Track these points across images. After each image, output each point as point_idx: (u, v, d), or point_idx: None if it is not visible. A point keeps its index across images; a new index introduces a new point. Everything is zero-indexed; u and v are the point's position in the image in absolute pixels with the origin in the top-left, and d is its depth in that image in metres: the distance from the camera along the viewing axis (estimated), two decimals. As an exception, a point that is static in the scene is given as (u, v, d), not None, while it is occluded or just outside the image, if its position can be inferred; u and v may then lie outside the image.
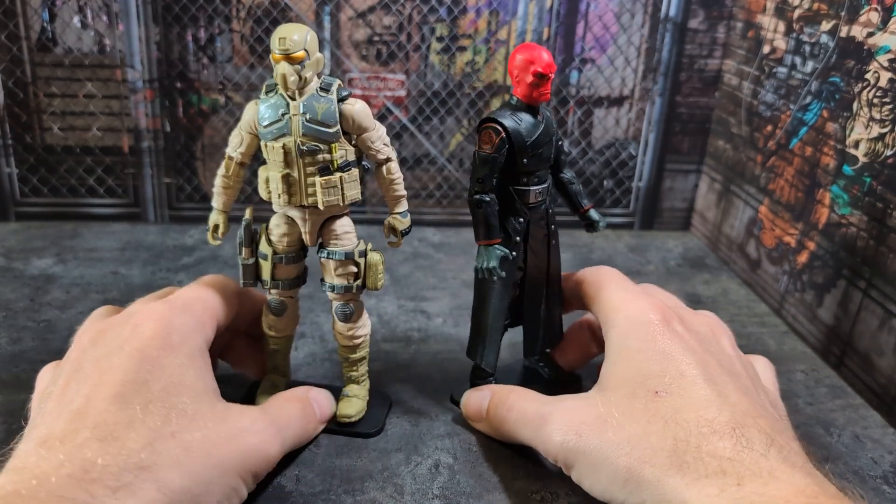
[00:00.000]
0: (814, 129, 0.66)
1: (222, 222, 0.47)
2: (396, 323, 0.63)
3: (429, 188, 0.85)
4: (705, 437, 0.36)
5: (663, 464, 0.36)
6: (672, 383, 0.39)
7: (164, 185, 0.81)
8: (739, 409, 0.37)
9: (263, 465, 0.40)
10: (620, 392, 0.40)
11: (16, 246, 0.74)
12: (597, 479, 0.39)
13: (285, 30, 0.40)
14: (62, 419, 0.35)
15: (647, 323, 0.43)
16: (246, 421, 0.40)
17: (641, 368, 0.41)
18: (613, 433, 0.38)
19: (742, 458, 0.34)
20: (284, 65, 0.41)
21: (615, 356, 0.43)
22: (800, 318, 0.66)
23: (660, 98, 0.83)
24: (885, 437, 0.52)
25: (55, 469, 0.33)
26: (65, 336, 0.58)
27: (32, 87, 0.76)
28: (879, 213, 0.57)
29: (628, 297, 0.46)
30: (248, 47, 0.77)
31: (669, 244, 0.85)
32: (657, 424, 0.37)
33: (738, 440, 0.35)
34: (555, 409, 0.42)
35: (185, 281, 0.68)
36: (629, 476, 0.36)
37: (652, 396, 0.39)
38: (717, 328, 0.47)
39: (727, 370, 0.41)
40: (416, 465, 0.46)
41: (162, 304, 0.42)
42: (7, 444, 0.45)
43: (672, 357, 0.40)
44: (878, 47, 0.57)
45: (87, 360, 0.39)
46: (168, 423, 0.36)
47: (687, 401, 0.38)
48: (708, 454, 0.35)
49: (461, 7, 0.78)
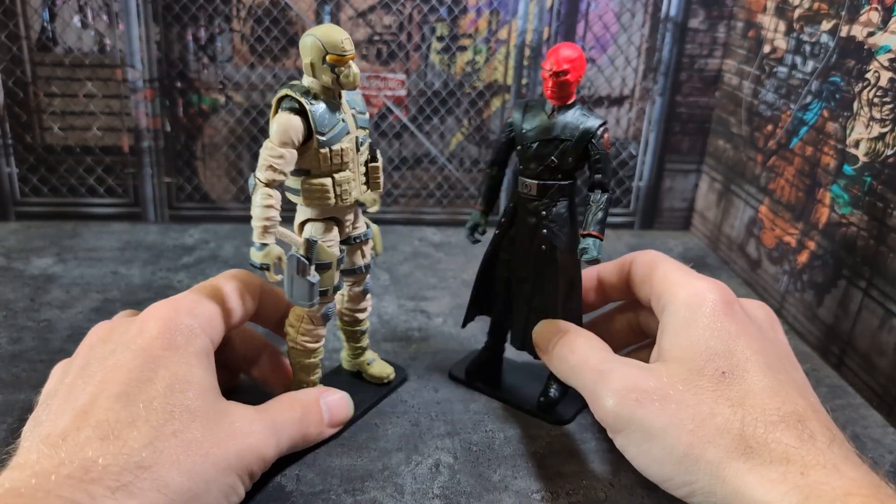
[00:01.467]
0: (814, 129, 0.66)
1: (283, 254, 0.42)
2: (396, 322, 0.63)
3: (429, 188, 0.85)
4: (772, 424, 0.36)
5: (727, 446, 0.35)
6: (738, 366, 0.39)
7: (164, 185, 0.81)
8: (799, 402, 0.37)
9: (259, 465, 0.40)
10: (686, 366, 0.40)
11: (16, 246, 0.74)
12: (647, 450, 0.38)
13: (337, 31, 0.41)
14: (66, 417, 0.36)
15: (711, 302, 0.42)
16: (244, 421, 0.40)
17: (709, 346, 0.40)
18: (676, 407, 0.38)
19: (807, 448, 0.34)
20: (353, 64, 0.41)
21: (679, 329, 0.42)
22: (800, 318, 0.66)
23: (660, 98, 0.83)
24: (886, 437, 0.52)
25: (55, 468, 0.33)
26: (65, 336, 0.58)
27: (32, 87, 0.76)
28: (880, 212, 0.57)
29: (689, 275, 0.45)
30: (248, 47, 0.77)
31: (669, 244, 0.85)
32: (724, 405, 0.37)
33: (803, 431, 0.35)
34: (615, 368, 0.41)
35: (184, 281, 0.68)
36: (688, 453, 0.36)
37: (719, 376, 0.38)
38: (772, 317, 0.46)
39: (784, 361, 0.41)
40: (417, 465, 0.46)
41: (169, 303, 0.42)
42: (7, 443, 0.45)
43: (737, 339, 0.40)
44: (879, 47, 0.57)
45: (94, 359, 0.39)
46: (170, 422, 0.36)
47: (752, 387, 0.38)
48: (774, 441, 0.35)
49: (461, 6, 0.78)
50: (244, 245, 0.77)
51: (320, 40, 0.40)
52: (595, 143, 0.45)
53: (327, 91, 0.42)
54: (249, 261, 0.41)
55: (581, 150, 0.46)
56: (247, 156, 0.81)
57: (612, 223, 0.88)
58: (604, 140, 0.46)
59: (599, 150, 0.46)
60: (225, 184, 0.82)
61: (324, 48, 0.40)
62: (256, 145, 0.80)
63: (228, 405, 0.40)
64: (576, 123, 0.46)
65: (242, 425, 0.39)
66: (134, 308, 0.62)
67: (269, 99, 0.79)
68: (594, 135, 0.45)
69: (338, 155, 0.43)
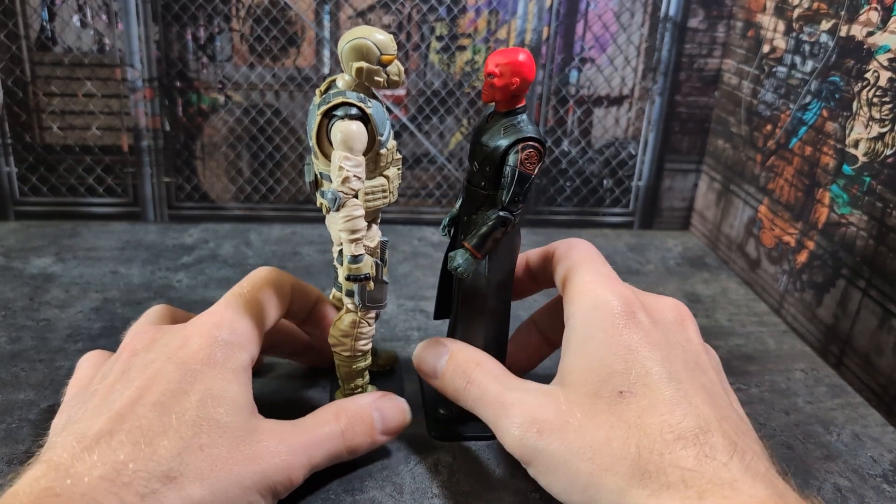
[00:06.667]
0: (813, 129, 0.66)
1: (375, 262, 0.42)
2: (396, 322, 0.63)
3: (428, 187, 0.85)
4: (668, 444, 0.35)
5: (625, 473, 0.35)
6: (636, 382, 0.38)
7: (163, 185, 0.81)
8: (703, 411, 0.36)
9: (284, 486, 0.39)
10: (583, 389, 0.39)
11: (15, 245, 0.74)
12: (555, 481, 0.38)
13: (379, 31, 0.41)
14: (102, 418, 0.36)
15: (610, 314, 0.40)
16: (273, 441, 0.39)
17: (605, 364, 0.39)
18: (575, 435, 0.37)
19: (704, 468, 0.33)
20: (397, 61, 0.41)
21: (577, 347, 0.41)
22: (799, 318, 0.66)
23: (659, 97, 0.83)
24: (885, 436, 0.52)
25: (88, 469, 0.33)
26: (64, 336, 0.58)
27: (32, 87, 0.76)
28: (879, 212, 0.57)
29: (594, 281, 0.43)
30: (247, 46, 0.77)
31: (669, 243, 0.85)
32: (621, 429, 0.36)
33: (702, 448, 0.34)
34: (516, 399, 0.40)
35: (184, 280, 0.68)
36: (589, 482, 0.36)
37: (616, 396, 0.37)
38: (684, 315, 0.44)
39: (693, 366, 0.40)
40: (416, 464, 0.46)
41: (211, 318, 0.42)
42: (7, 443, 0.45)
43: (636, 352, 0.39)
44: (878, 46, 0.57)
45: (135, 365, 0.40)
46: (199, 436, 0.36)
47: (651, 402, 0.37)
48: (670, 464, 0.34)
49: (461, 6, 0.78)
50: (243, 244, 0.77)
51: (372, 41, 0.40)
52: (508, 159, 0.42)
53: (368, 92, 0.42)
54: (349, 275, 0.41)
55: (497, 162, 0.42)
56: (246, 155, 0.81)
57: (611, 223, 0.88)
58: (520, 157, 0.42)
59: (509, 166, 0.42)
60: (224, 183, 0.82)
61: (377, 49, 0.40)
62: (256, 145, 0.80)
63: (260, 422, 0.40)
64: (500, 133, 0.42)
65: (270, 445, 0.39)
66: (134, 308, 0.62)
67: (269, 99, 0.79)
68: (508, 150, 0.42)
69: (391, 153, 0.43)
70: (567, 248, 0.47)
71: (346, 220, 0.40)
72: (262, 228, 0.81)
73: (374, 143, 0.41)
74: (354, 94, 0.41)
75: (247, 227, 0.82)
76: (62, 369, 0.53)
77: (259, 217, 0.83)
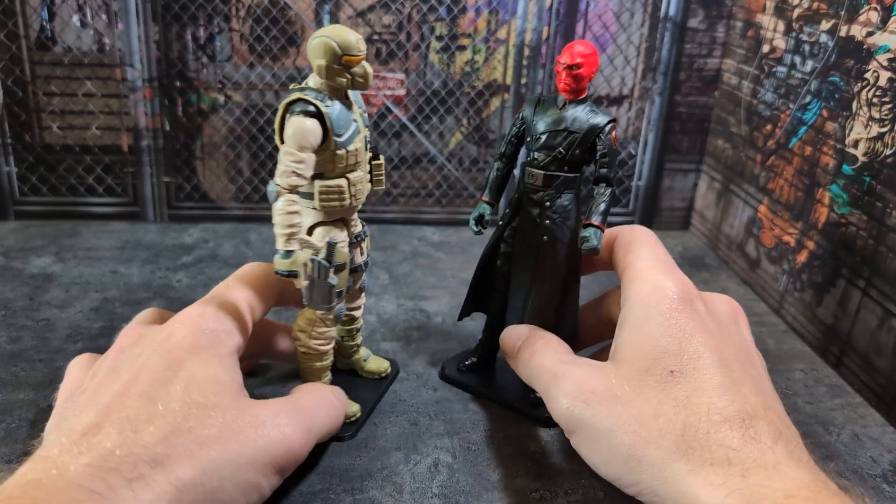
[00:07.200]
0: (813, 129, 0.66)
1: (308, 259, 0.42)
2: (396, 322, 0.63)
3: (428, 187, 0.85)
4: (715, 424, 0.35)
5: (669, 447, 0.35)
6: (688, 364, 0.38)
7: (163, 184, 0.81)
8: (750, 399, 0.37)
9: (287, 459, 0.39)
10: (634, 366, 0.40)
11: (15, 245, 0.74)
12: (596, 451, 0.38)
13: (349, 32, 0.41)
14: (90, 413, 0.36)
15: (669, 298, 0.41)
16: (267, 414, 0.39)
17: (659, 344, 0.40)
18: (623, 408, 0.38)
19: (749, 449, 0.34)
20: (366, 64, 0.41)
21: (632, 327, 0.42)
22: (799, 318, 0.66)
23: (659, 97, 0.83)
24: (885, 436, 0.52)
25: (75, 459, 0.33)
26: (64, 335, 0.58)
27: (31, 86, 0.76)
28: (879, 212, 0.57)
29: (654, 268, 0.44)
30: (247, 46, 0.77)
31: (669, 243, 0.85)
32: (668, 406, 0.37)
33: (747, 431, 0.35)
34: (567, 370, 0.42)
35: (183, 280, 0.68)
36: (631, 454, 0.36)
37: (667, 375, 0.38)
38: (737, 311, 0.46)
39: (744, 358, 0.41)
40: (416, 464, 0.46)
41: (196, 309, 0.42)
42: (6, 443, 0.45)
43: (691, 337, 0.40)
44: (878, 47, 0.57)
45: (122, 361, 0.40)
46: (187, 419, 0.36)
47: (700, 385, 0.37)
48: (716, 442, 0.35)
49: (461, 6, 0.78)
50: (243, 244, 0.77)
51: (334, 41, 0.40)
52: (603, 139, 0.46)
53: (336, 92, 0.42)
54: (275, 269, 0.41)
55: (589, 144, 0.47)
56: (246, 155, 0.81)
57: (611, 222, 0.87)
58: (612, 137, 0.46)
59: (606, 146, 0.46)
60: (224, 183, 0.82)
61: (339, 49, 0.40)
62: (255, 145, 0.80)
63: (252, 401, 0.40)
64: (585, 118, 0.47)
65: (266, 419, 0.39)
66: (134, 308, 0.62)
67: (269, 98, 0.79)
68: (602, 130, 0.46)
69: (353, 155, 0.43)
70: (629, 234, 0.49)
71: (279, 213, 0.40)
72: (262, 228, 0.81)
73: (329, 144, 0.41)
74: (313, 93, 0.41)
75: (246, 226, 0.82)
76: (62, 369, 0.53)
77: (259, 217, 0.83)
